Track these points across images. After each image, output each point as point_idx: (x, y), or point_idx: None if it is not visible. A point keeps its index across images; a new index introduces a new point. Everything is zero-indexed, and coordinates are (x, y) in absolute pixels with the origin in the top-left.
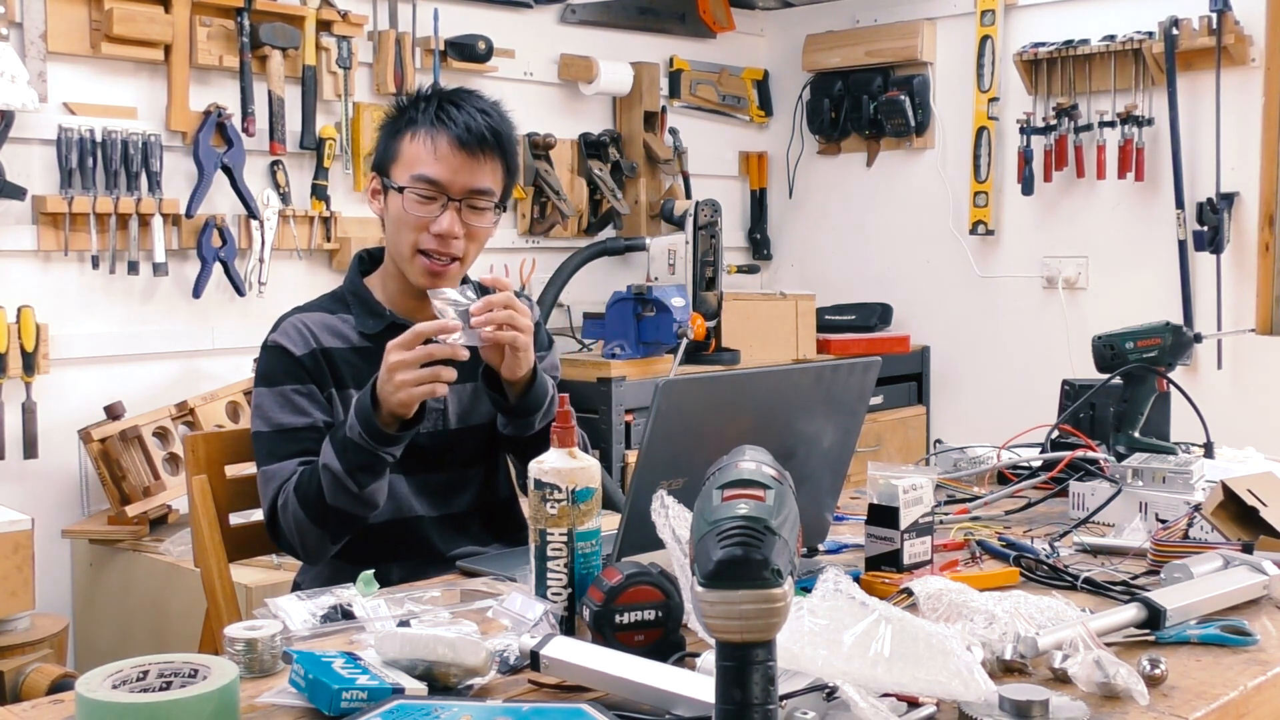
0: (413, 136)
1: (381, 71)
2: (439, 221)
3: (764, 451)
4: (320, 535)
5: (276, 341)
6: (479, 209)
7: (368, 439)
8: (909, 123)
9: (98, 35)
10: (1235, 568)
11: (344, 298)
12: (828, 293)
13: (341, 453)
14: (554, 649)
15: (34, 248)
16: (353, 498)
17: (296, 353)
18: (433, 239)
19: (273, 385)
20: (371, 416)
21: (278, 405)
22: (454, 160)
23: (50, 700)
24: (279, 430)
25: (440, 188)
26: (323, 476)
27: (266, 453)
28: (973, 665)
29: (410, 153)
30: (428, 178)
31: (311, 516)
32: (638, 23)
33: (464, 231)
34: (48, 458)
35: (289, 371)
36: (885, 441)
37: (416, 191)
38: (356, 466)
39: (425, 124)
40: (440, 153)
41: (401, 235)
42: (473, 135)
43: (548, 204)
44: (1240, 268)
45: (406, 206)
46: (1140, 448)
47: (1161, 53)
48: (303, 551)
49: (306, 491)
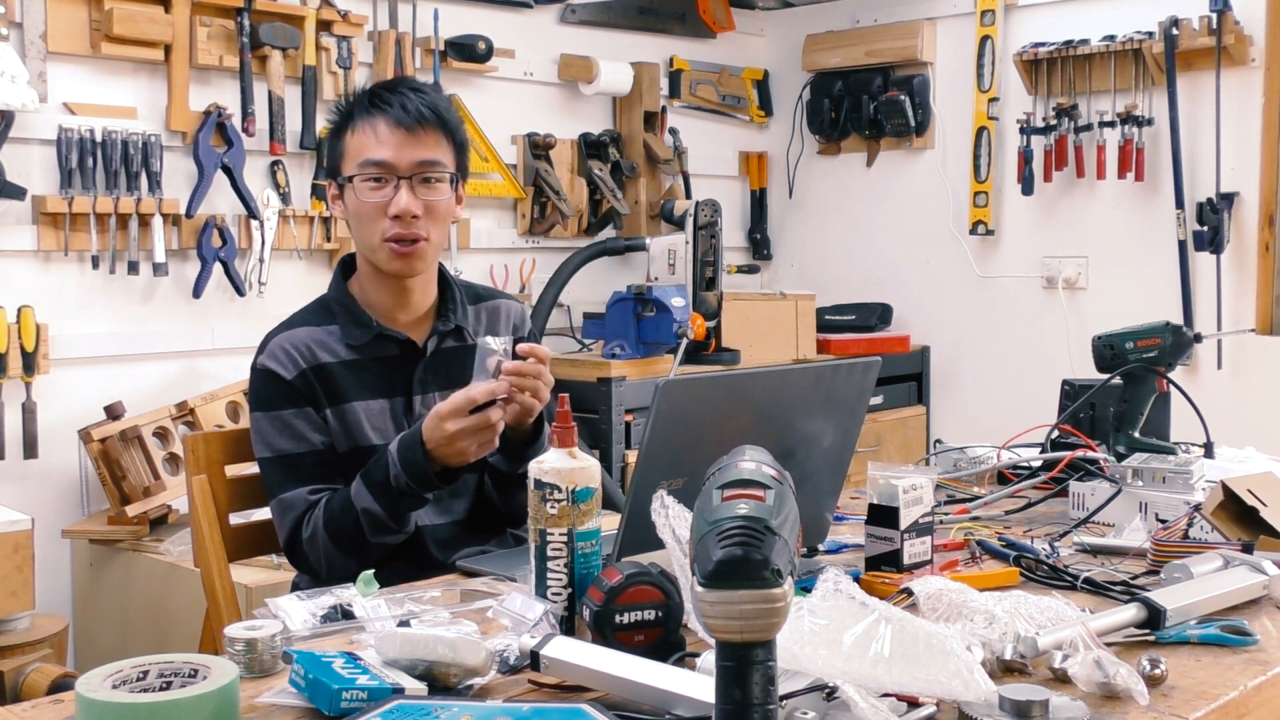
0: (353, 130)
1: (381, 71)
2: (395, 202)
3: (764, 451)
4: (349, 562)
5: (265, 365)
6: (431, 182)
7: (415, 486)
8: (909, 123)
9: (98, 35)
10: (1235, 568)
11: (329, 306)
12: (828, 293)
13: (383, 497)
14: (554, 649)
15: (34, 248)
16: (395, 532)
17: (287, 376)
18: (393, 224)
19: (268, 410)
20: (424, 469)
21: (276, 431)
22: (394, 138)
23: (50, 700)
24: (283, 458)
25: (388, 167)
26: (362, 519)
27: (276, 482)
28: (973, 665)
29: (354, 145)
30: (373, 160)
31: (346, 550)
32: (638, 23)
33: (422, 209)
34: (48, 458)
35: (282, 394)
36: (885, 441)
37: (366, 176)
38: (402, 509)
39: (362, 115)
40: (381, 135)
41: (364, 227)
42: (409, 113)
43: (548, 204)
44: (1240, 268)
45: (360, 194)
46: (1140, 448)
47: (1161, 53)
48: (327, 574)
49: (341, 527)
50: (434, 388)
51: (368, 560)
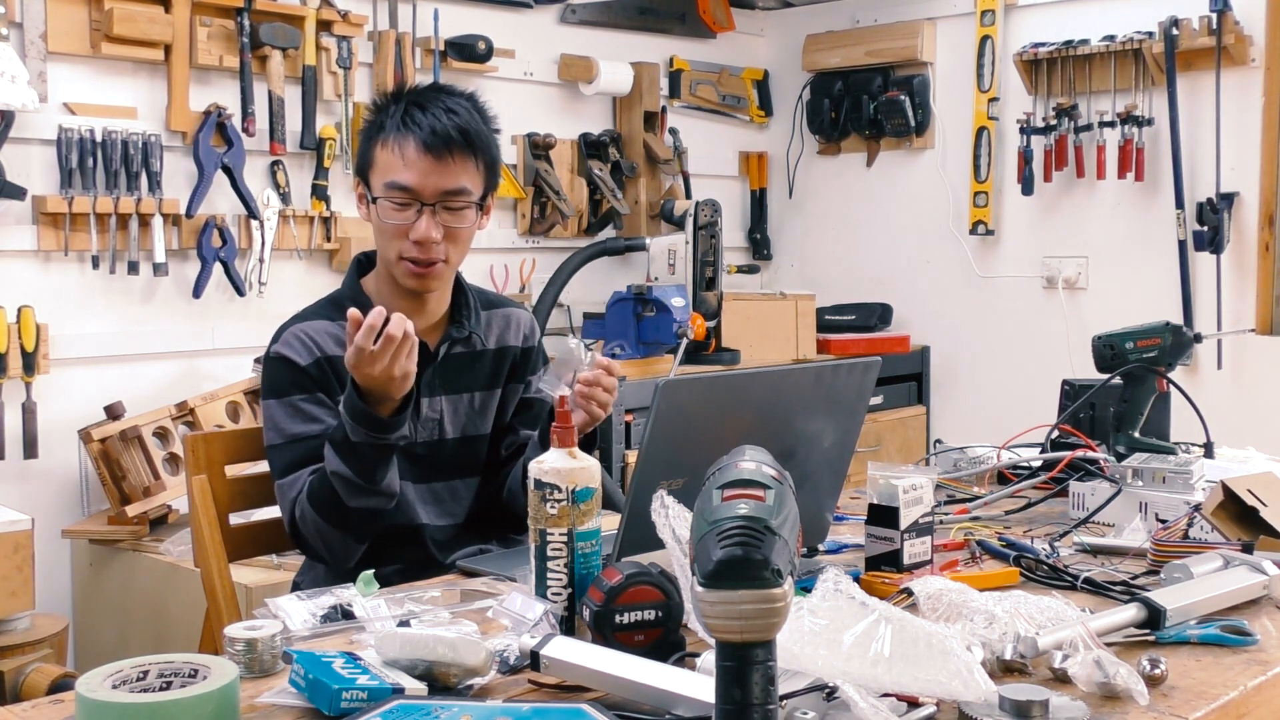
0: (383, 144)
1: (381, 72)
2: (416, 228)
3: (764, 451)
4: (344, 538)
5: (280, 353)
6: (455, 209)
7: (372, 433)
8: (909, 123)
9: (98, 35)
10: (1235, 568)
11: (342, 302)
12: (828, 293)
13: (349, 458)
14: (554, 649)
15: (34, 248)
16: (370, 493)
17: (301, 363)
18: (413, 246)
19: (280, 396)
20: (365, 411)
21: (288, 416)
22: (422, 164)
23: (50, 700)
24: (293, 441)
25: (412, 194)
26: (335, 484)
27: (281, 466)
28: (973, 665)
29: (382, 161)
30: (399, 184)
31: (333, 523)
32: (638, 23)
33: (443, 234)
34: (48, 458)
35: (296, 382)
36: (885, 441)
37: (390, 200)
38: (368, 464)
39: (393, 130)
40: (409, 159)
41: (384, 243)
42: (439, 138)
43: (548, 204)
44: (1240, 268)
45: (383, 215)
46: (1140, 448)
47: (1161, 53)
48: (330, 557)
49: (321, 500)
50: (440, 391)
51: (359, 533)
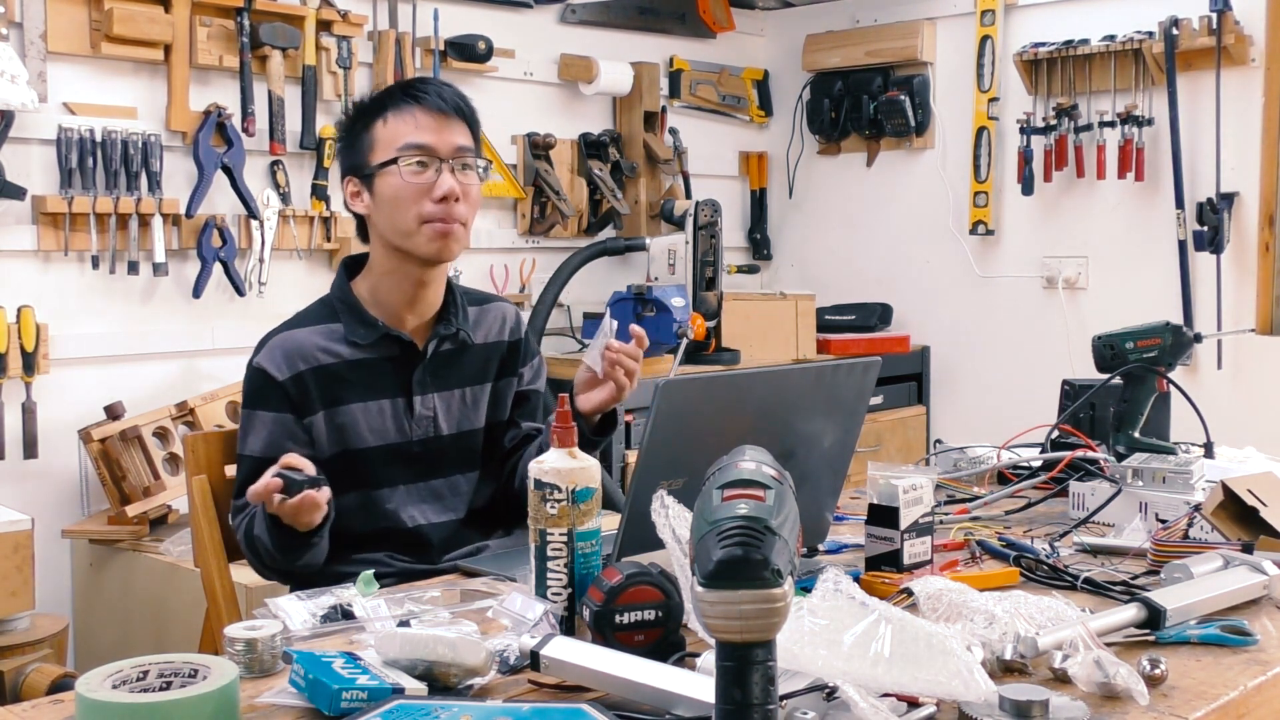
0: (385, 121)
1: (381, 71)
2: (440, 184)
3: (764, 451)
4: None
5: (259, 364)
6: (467, 169)
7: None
8: (909, 123)
9: (98, 35)
10: (1235, 568)
11: (331, 306)
12: (828, 293)
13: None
14: (554, 649)
15: (34, 248)
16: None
17: (278, 377)
18: (436, 206)
19: (250, 407)
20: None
21: (252, 429)
22: (434, 123)
23: (50, 700)
24: (249, 459)
25: (430, 151)
26: (258, 545)
27: (239, 480)
28: (973, 665)
29: (389, 133)
30: (416, 144)
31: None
32: (638, 23)
33: (461, 193)
34: (48, 458)
35: (267, 395)
36: (885, 441)
37: (409, 159)
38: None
39: (395, 105)
40: (420, 121)
41: (401, 211)
42: (446, 102)
43: (548, 204)
44: (1240, 268)
45: (404, 175)
46: (1140, 448)
47: (1161, 53)
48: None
49: (252, 546)
50: (432, 389)
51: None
